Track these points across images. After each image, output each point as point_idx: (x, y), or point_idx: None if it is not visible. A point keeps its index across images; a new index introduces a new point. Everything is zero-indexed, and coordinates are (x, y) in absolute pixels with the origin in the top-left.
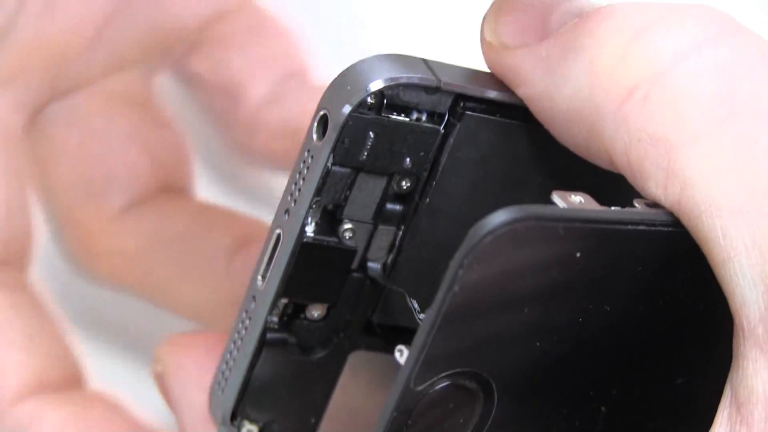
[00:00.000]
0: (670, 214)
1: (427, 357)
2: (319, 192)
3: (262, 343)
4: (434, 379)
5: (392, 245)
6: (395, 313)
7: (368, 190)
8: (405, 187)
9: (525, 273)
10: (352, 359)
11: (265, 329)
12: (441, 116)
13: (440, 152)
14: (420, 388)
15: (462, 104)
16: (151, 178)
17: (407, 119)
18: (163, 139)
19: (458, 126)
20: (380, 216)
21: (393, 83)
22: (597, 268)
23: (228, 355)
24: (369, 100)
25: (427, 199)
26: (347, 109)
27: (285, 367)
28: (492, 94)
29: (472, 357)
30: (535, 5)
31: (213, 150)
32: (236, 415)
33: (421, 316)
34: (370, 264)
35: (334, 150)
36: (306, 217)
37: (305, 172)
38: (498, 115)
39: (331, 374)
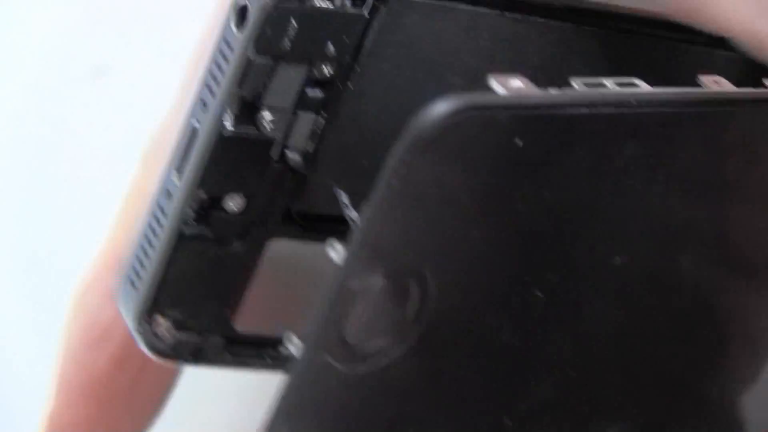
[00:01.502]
0: None
1: (363, 253)
2: (239, 84)
3: (178, 238)
4: (371, 275)
5: (313, 133)
6: (315, 202)
7: (289, 79)
8: (327, 74)
9: (464, 164)
10: (268, 248)
11: (181, 224)
12: None
13: (364, 37)
14: (356, 285)
15: None
16: None
17: (331, 5)
18: None
19: (383, 9)
20: (301, 103)
21: None
22: (535, 156)
23: (140, 250)
24: None
25: (350, 85)
26: None
27: (201, 260)
28: None
29: (409, 252)
30: None
31: None
32: (150, 311)
33: (352, 213)
34: (289, 154)
35: (255, 41)
36: (224, 109)
37: (223, 62)
38: None
39: (248, 264)
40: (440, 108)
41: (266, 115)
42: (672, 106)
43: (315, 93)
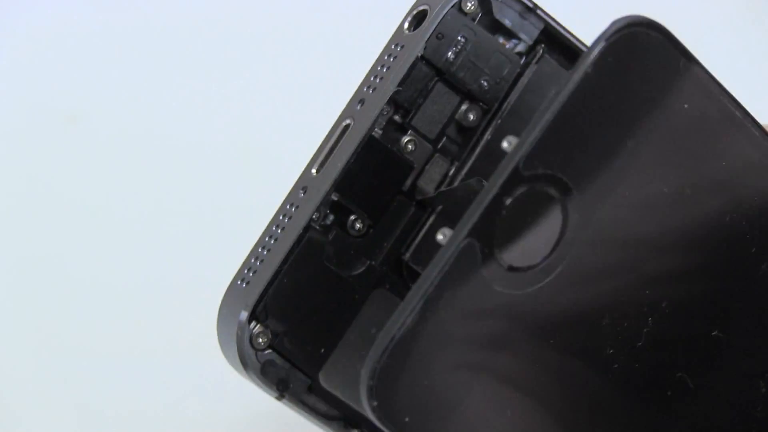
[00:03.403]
0: None
1: (538, 144)
2: (402, 81)
3: (303, 237)
4: (538, 170)
5: (443, 180)
6: (427, 259)
7: (440, 105)
8: (471, 120)
9: (634, 97)
10: (373, 298)
11: (309, 223)
12: (521, 54)
13: (512, 89)
14: (526, 173)
15: (543, 47)
16: None
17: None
18: None
19: (534, 68)
20: (441, 141)
21: None
22: (692, 130)
23: (260, 248)
24: (470, 4)
25: (488, 136)
26: (450, 3)
27: (315, 273)
28: (577, 42)
29: (569, 164)
30: None
31: None
32: (253, 312)
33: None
34: (417, 189)
35: (427, 41)
36: (384, 108)
37: (390, 61)
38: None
39: (353, 304)
40: (630, 18)
41: (410, 138)
42: None
43: (455, 139)
